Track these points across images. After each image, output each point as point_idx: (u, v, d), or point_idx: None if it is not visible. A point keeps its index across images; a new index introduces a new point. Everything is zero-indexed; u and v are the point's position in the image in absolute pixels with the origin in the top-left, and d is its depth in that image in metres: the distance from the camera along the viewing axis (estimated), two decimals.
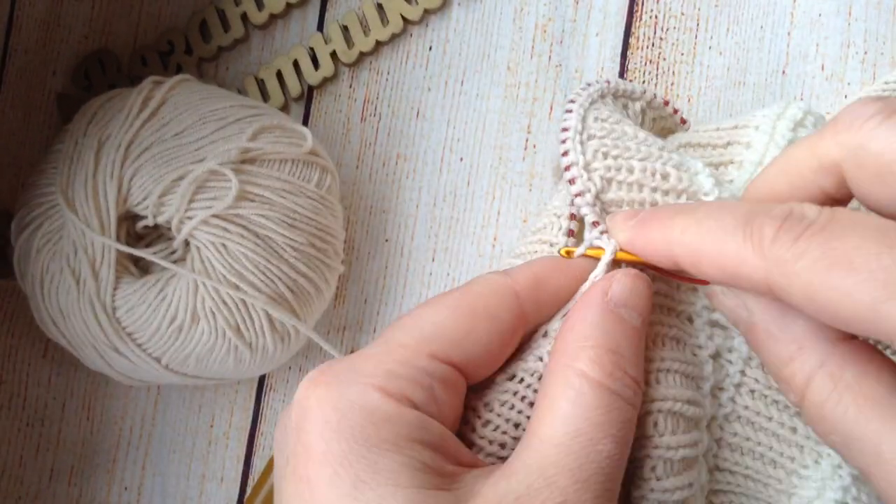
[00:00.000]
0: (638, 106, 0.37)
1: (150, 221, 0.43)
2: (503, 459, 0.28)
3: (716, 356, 0.32)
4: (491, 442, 0.29)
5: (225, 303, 0.42)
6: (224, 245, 0.42)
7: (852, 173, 0.27)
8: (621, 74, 0.50)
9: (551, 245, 0.34)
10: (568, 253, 0.31)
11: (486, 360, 0.29)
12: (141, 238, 0.45)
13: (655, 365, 0.31)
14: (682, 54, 0.50)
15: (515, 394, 0.30)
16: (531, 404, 0.29)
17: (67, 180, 0.43)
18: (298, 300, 0.44)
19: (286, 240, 0.43)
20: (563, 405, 0.27)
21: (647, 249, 0.29)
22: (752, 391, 0.32)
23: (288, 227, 0.43)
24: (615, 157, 0.33)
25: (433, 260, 0.50)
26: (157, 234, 0.45)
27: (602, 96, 0.35)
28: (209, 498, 0.49)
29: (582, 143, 0.33)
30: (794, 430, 0.32)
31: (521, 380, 0.30)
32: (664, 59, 0.50)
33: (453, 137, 0.51)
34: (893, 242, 0.23)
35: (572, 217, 0.33)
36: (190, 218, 0.42)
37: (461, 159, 0.50)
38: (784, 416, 0.32)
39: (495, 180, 0.50)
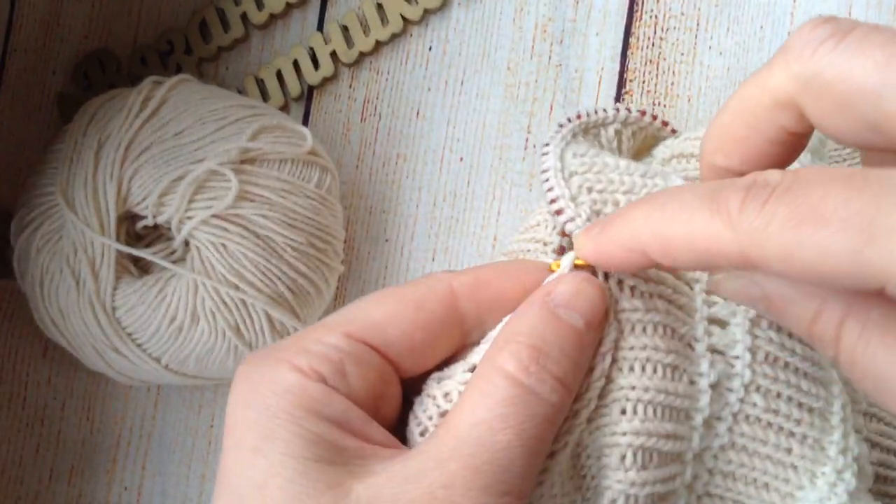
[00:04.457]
0: (611, 130, 0.37)
1: (149, 221, 0.43)
2: None
3: (716, 385, 0.31)
4: (422, 433, 0.29)
5: (225, 303, 0.42)
6: (224, 245, 0.42)
7: (810, 106, 0.25)
8: (621, 74, 0.50)
9: (545, 244, 0.33)
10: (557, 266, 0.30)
11: (409, 347, 0.29)
12: (141, 238, 0.45)
13: (636, 394, 0.30)
14: (683, 54, 0.50)
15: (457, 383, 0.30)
16: None
17: (67, 180, 0.43)
18: (298, 300, 0.44)
19: (286, 240, 0.43)
20: (473, 396, 0.27)
21: (612, 250, 0.27)
22: (749, 416, 0.32)
23: (288, 227, 0.43)
24: (600, 192, 0.33)
25: (433, 260, 0.50)
26: (156, 234, 0.45)
27: (574, 136, 0.36)
28: (209, 498, 0.49)
29: (565, 179, 0.33)
30: (789, 451, 0.32)
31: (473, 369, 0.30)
32: (664, 59, 0.50)
33: (453, 137, 0.51)
34: (861, 185, 0.21)
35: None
36: (190, 218, 0.42)
37: (461, 159, 0.50)
38: (781, 437, 0.32)
39: (495, 180, 0.50)
